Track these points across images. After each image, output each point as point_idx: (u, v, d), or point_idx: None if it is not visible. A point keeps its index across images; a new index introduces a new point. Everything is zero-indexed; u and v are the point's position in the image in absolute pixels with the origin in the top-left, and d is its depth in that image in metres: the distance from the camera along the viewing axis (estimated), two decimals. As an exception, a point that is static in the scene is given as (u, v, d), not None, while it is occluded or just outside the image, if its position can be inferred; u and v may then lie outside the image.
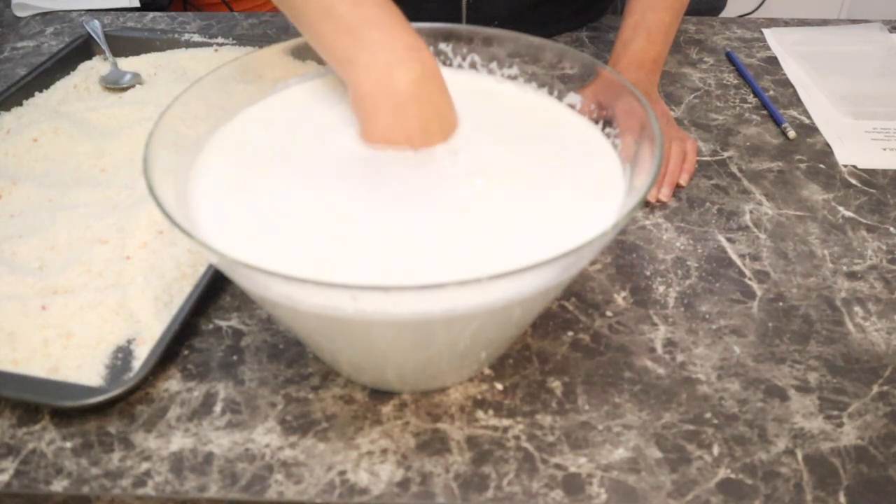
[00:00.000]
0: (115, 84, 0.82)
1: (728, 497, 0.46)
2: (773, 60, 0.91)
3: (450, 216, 0.47)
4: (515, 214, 0.47)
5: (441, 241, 0.45)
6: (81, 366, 0.51)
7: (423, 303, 0.39)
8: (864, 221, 0.67)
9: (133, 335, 0.54)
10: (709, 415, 0.50)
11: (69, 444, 0.48)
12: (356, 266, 0.43)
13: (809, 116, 0.81)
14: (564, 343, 0.55)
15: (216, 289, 0.59)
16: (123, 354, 0.53)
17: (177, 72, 0.83)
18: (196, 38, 0.89)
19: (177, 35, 0.89)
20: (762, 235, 0.65)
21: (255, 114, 0.56)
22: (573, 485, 0.46)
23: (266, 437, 0.49)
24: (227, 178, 0.50)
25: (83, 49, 0.88)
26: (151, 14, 1.02)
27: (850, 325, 0.57)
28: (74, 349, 0.52)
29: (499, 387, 0.52)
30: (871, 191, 0.70)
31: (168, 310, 0.55)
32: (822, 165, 0.74)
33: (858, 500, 0.46)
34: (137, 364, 0.52)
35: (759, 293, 0.59)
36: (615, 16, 1.02)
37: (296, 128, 0.55)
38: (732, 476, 0.47)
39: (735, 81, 0.87)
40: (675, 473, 0.47)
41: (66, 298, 0.55)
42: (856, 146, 0.76)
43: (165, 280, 0.57)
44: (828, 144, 0.77)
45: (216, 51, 0.87)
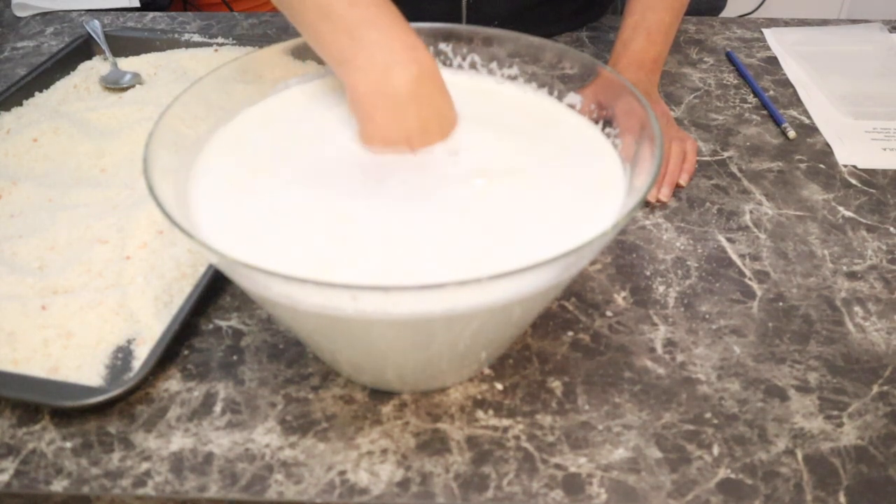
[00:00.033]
0: (115, 84, 0.82)
1: (728, 497, 0.46)
2: (773, 60, 0.91)
3: (450, 216, 0.47)
4: (515, 214, 0.47)
5: (441, 241, 0.45)
6: (81, 366, 0.51)
7: (423, 303, 0.39)
8: (864, 221, 0.67)
9: (133, 335, 0.54)
10: (709, 415, 0.50)
11: (69, 444, 0.48)
12: (356, 266, 0.43)
13: (809, 116, 0.81)
14: (564, 343, 0.55)
15: (216, 289, 0.59)
16: (123, 354, 0.53)
17: (177, 72, 0.83)
18: (196, 38, 0.89)
19: (177, 35, 0.89)
20: (762, 235, 0.65)
21: (255, 114, 0.56)
22: (573, 485, 0.46)
23: (266, 437, 0.49)
24: (227, 179, 0.50)
25: (83, 49, 0.88)
26: (151, 14, 1.02)
27: (850, 325, 0.57)
28: (74, 349, 0.52)
29: (499, 387, 0.52)
30: (871, 191, 0.70)
31: (168, 310, 0.55)
32: (822, 165, 0.74)
33: (858, 500, 0.46)
34: (137, 364, 0.52)
35: (759, 293, 0.59)
36: (615, 16, 1.02)
37: (296, 128, 0.55)
38: (732, 476, 0.47)
39: (735, 81, 0.87)
40: (675, 473, 0.47)
41: (66, 298, 0.55)
42: (856, 146, 0.76)
43: (165, 280, 0.57)
44: (828, 144, 0.77)
45: (216, 51, 0.87)
